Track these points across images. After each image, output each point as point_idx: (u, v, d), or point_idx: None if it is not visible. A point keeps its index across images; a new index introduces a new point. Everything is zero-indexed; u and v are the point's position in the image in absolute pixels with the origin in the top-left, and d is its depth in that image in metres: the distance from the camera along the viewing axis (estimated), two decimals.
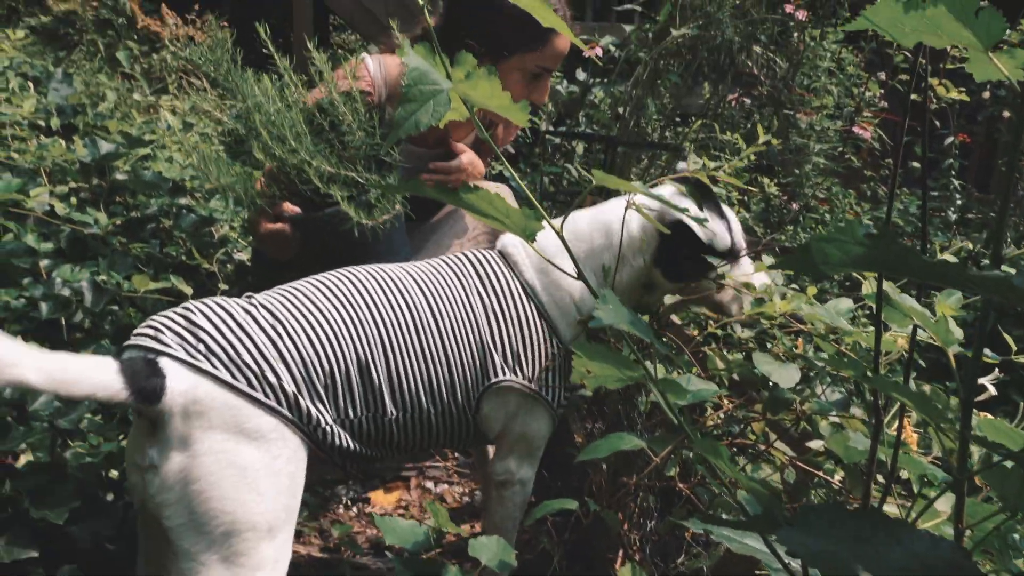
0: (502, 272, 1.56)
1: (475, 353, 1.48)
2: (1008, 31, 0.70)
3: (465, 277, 1.54)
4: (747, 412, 1.41)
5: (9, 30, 3.06)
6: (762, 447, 1.34)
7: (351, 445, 1.40)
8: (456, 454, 2.57)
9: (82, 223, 2.12)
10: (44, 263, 1.94)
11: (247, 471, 1.23)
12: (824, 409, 1.21)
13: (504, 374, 1.49)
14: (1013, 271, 0.59)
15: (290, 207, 1.69)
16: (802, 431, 1.40)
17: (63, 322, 1.84)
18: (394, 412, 1.42)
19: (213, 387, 1.22)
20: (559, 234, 0.71)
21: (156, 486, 1.19)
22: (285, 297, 1.39)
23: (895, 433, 1.23)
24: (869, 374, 0.74)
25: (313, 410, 1.32)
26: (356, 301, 1.42)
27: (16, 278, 1.87)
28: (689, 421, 1.42)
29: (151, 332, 1.25)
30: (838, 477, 1.36)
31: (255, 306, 1.34)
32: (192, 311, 1.29)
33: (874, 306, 1.52)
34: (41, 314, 1.79)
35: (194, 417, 1.20)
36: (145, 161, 2.54)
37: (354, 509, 2.24)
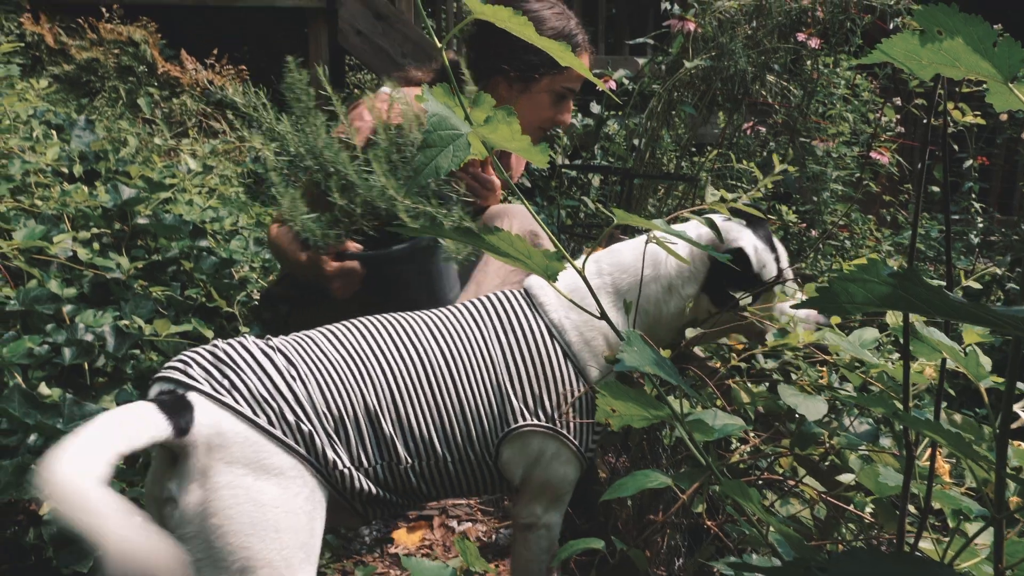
0: (524, 313, 1.54)
1: (492, 399, 1.46)
2: None
3: (484, 321, 1.52)
4: (775, 447, 1.38)
5: (33, 80, 3.12)
6: (791, 483, 1.32)
7: (371, 489, 1.40)
8: None
9: (104, 268, 2.13)
10: (67, 308, 1.96)
11: (265, 507, 1.24)
12: (853, 443, 1.19)
13: (524, 419, 1.47)
14: None
15: (354, 245, 1.73)
16: (831, 464, 1.37)
17: (86, 367, 1.85)
18: (408, 460, 1.42)
19: (236, 422, 1.25)
20: (581, 274, 0.70)
21: (176, 519, 1.21)
22: (298, 343, 1.41)
23: (926, 463, 1.20)
24: (899, 409, 0.72)
25: (330, 452, 1.33)
26: (363, 351, 1.43)
27: (40, 324, 1.89)
28: (715, 456, 1.40)
29: (180, 366, 1.29)
30: (868, 510, 1.33)
31: (272, 348, 1.37)
32: (218, 348, 1.33)
33: (898, 335, 1.50)
34: (64, 360, 1.80)
35: (216, 450, 1.22)
36: (166, 204, 2.57)
37: (377, 550, 2.22)
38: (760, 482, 1.48)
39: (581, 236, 3.66)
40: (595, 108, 4.60)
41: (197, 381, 1.26)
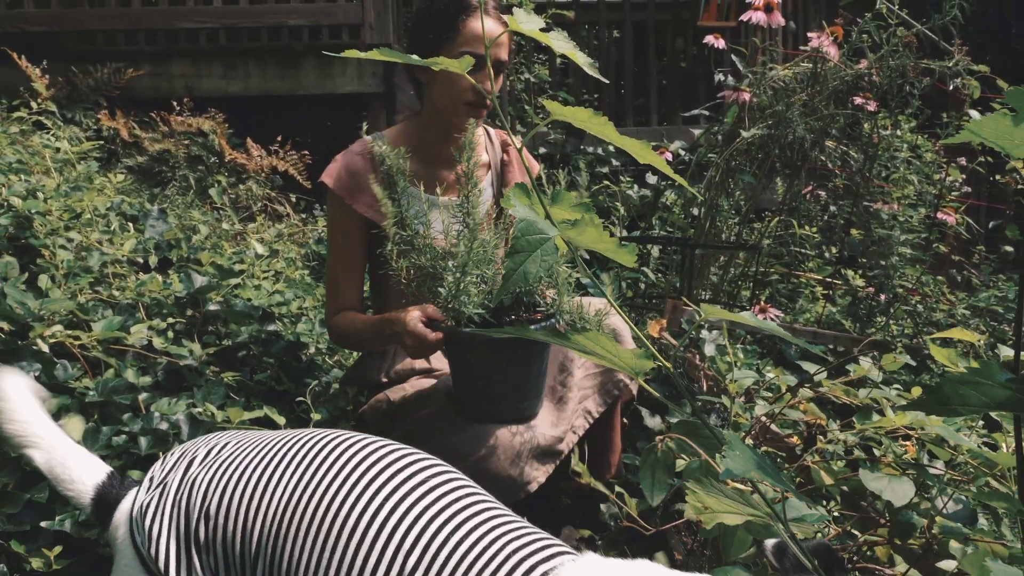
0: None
1: None
2: None
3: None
4: (868, 536, 1.32)
5: (110, 174, 3.26)
6: (888, 572, 1.25)
7: None
8: None
9: (178, 355, 2.18)
10: (143, 397, 1.99)
11: None
12: (954, 533, 1.13)
13: None
14: None
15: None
16: (929, 548, 1.30)
17: (161, 456, 1.87)
18: None
19: (127, 533, 1.20)
20: None
21: None
22: (214, 461, 1.24)
23: None
24: (1021, 508, 0.68)
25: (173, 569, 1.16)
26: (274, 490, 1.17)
27: (117, 414, 1.92)
28: None
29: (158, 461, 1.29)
30: None
31: (196, 462, 1.25)
32: (178, 450, 1.30)
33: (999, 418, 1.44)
34: (140, 450, 1.83)
35: (116, 555, 1.21)
36: (235, 290, 2.63)
37: None
38: (853, 568, 1.41)
39: (643, 307, 3.63)
40: (652, 179, 4.62)
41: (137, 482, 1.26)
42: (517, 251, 0.61)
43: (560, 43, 0.70)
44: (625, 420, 2.33)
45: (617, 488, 1.94)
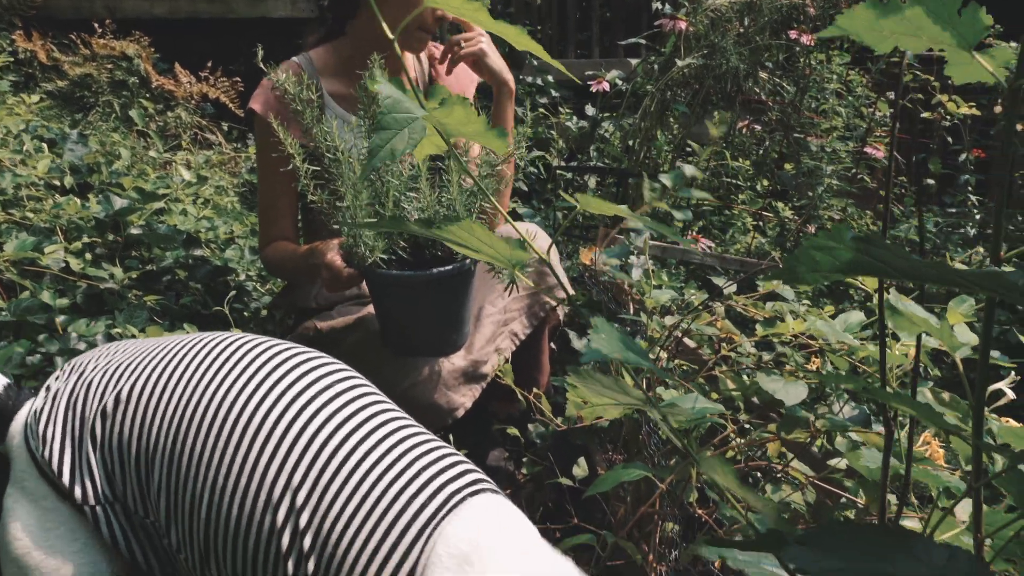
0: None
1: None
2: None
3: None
4: (761, 432, 1.38)
5: (24, 95, 3.13)
6: (778, 467, 1.31)
7: (138, 548, 1.14)
8: None
9: (98, 278, 2.14)
10: (60, 319, 1.96)
11: (18, 536, 1.11)
12: (839, 426, 1.18)
13: None
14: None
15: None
16: (825, 451, 1.37)
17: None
18: (175, 541, 1.11)
19: (23, 439, 1.16)
20: None
21: None
22: (109, 363, 1.19)
23: (918, 446, 1.20)
24: (869, 385, 0.72)
25: (81, 490, 1.11)
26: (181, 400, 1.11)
27: (32, 335, 1.89)
28: (694, 445, 1.39)
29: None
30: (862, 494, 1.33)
31: (90, 366, 1.20)
32: (75, 359, 1.25)
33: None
34: (57, 370, 1.80)
35: (12, 464, 1.16)
36: (160, 215, 2.58)
37: None
38: (758, 473, 1.47)
39: (579, 238, 3.66)
40: (590, 110, 4.61)
41: (35, 387, 1.23)
42: (383, 128, 0.61)
43: None
44: (553, 345, 2.36)
45: (544, 402, 1.99)
